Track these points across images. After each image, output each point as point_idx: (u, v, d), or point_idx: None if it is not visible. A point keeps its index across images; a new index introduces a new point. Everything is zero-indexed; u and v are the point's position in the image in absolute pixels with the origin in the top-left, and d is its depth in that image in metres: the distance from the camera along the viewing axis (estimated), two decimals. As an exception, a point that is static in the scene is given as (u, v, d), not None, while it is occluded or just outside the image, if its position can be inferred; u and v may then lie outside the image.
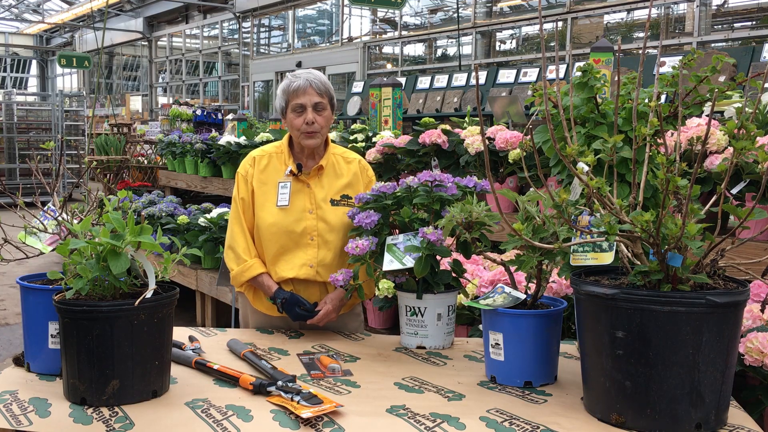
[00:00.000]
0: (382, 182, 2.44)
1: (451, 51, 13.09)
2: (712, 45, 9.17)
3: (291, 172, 2.53)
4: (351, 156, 2.66)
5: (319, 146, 2.56)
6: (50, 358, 1.98)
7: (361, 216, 2.36)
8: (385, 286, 2.66)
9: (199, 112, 10.34)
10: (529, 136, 1.83)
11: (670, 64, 5.97)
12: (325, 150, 2.60)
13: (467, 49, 12.42)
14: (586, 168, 1.66)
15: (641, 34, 10.05)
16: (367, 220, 2.34)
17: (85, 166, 8.84)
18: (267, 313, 2.59)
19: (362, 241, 2.31)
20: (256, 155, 2.61)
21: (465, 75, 9.24)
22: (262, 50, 17.79)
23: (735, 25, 9.79)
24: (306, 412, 1.69)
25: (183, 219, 5.62)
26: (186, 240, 5.47)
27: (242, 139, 5.86)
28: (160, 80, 22.57)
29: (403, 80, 9.76)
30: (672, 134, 2.38)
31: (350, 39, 15.03)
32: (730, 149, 2.02)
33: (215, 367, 2.02)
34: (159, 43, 22.38)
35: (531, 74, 8.48)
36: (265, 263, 2.54)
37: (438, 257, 2.31)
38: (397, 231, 2.41)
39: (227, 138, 6.18)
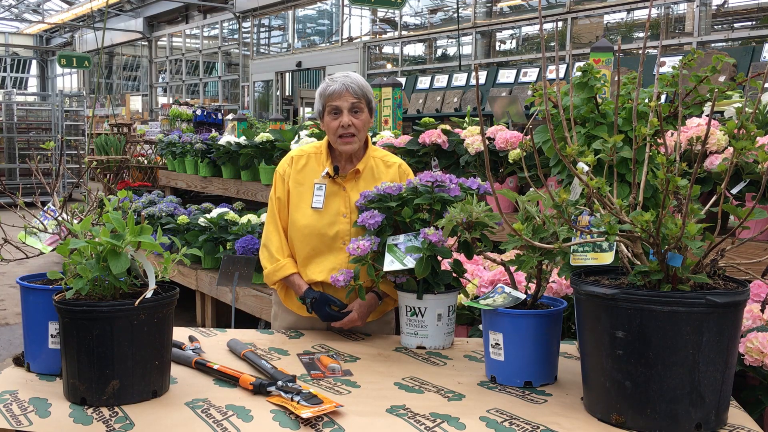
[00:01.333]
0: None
1: (451, 51, 13.09)
2: (712, 45, 9.17)
3: (327, 174, 2.52)
4: (392, 160, 2.62)
5: (357, 151, 2.54)
6: (50, 358, 1.98)
7: (365, 215, 2.35)
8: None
9: (199, 112, 10.34)
10: (529, 136, 1.83)
11: (670, 64, 5.97)
12: (364, 153, 2.57)
13: (467, 49, 12.42)
14: (586, 168, 1.66)
15: (641, 34, 10.05)
16: (371, 221, 2.33)
17: (85, 166, 8.84)
18: (297, 312, 2.59)
19: (363, 242, 2.31)
20: (295, 155, 2.60)
21: (465, 75, 9.24)
22: (262, 50, 17.78)
23: (735, 25, 9.79)
24: (306, 412, 1.69)
25: (183, 219, 5.62)
26: (186, 240, 5.47)
27: (242, 139, 5.86)
28: (160, 80, 22.56)
29: (403, 80, 9.77)
30: (672, 134, 2.38)
31: (350, 39, 15.03)
32: (730, 149, 2.02)
33: (215, 367, 2.02)
34: (159, 43, 22.37)
35: (531, 74, 8.49)
36: (297, 263, 2.54)
37: (439, 258, 2.31)
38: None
39: (227, 138, 6.17)
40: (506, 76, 8.77)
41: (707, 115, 2.16)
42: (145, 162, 9.12)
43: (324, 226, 2.48)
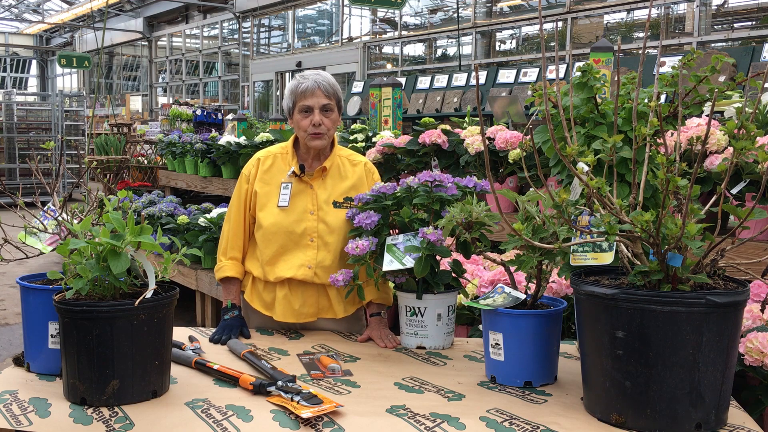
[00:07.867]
0: (382, 183, 2.44)
1: (451, 51, 13.08)
2: (712, 45, 9.17)
3: (293, 173, 2.53)
4: (357, 158, 2.64)
5: (324, 147, 2.56)
6: (50, 358, 1.98)
7: (361, 216, 2.36)
8: (385, 286, 2.66)
9: (199, 112, 10.33)
10: (529, 136, 1.83)
11: (670, 64, 5.97)
12: (330, 151, 2.59)
13: (467, 49, 12.42)
14: (586, 168, 1.66)
15: (641, 34, 10.05)
16: (367, 221, 2.34)
17: (85, 166, 8.84)
18: (262, 311, 2.58)
19: (362, 242, 2.31)
20: (261, 156, 2.62)
21: (465, 75, 9.24)
22: (262, 50, 17.78)
23: (735, 25, 9.79)
24: (306, 412, 1.69)
25: (183, 219, 5.61)
26: (186, 240, 5.47)
27: (242, 139, 5.86)
28: (160, 80, 22.56)
29: (403, 80, 9.76)
30: (672, 134, 2.38)
31: (350, 39, 15.03)
32: (730, 149, 2.02)
33: (215, 367, 2.02)
34: (159, 43, 22.38)
35: (531, 74, 8.48)
36: (244, 263, 2.60)
37: (438, 257, 2.31)
38: (396, 231, 2.41)
39: (227, 138, 6.17)
40: (506, 76, 8.76)
41: (707, 115, 2.16)
42: (145, 162, 9.11)
43: (291, 224, 2.49)
